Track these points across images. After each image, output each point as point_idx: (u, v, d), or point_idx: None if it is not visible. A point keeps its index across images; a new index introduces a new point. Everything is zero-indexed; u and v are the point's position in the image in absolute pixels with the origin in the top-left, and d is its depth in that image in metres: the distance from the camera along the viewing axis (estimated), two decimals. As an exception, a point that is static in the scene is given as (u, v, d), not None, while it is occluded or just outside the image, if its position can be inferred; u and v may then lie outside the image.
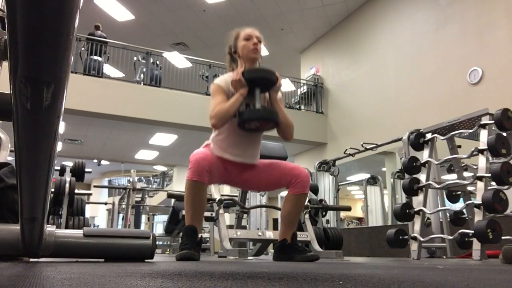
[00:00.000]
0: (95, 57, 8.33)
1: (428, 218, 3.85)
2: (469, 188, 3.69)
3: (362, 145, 5.42)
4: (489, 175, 2.92)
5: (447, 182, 3.58)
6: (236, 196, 4.37)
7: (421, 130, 3.80)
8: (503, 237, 2.78)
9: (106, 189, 16.91)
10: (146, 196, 10.17)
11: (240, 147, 2.22)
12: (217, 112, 2.10)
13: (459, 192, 3.80)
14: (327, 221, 5.93)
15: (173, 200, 6.49)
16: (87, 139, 10.16)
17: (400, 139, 4.50)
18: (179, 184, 12.83)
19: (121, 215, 7.76)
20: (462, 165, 3.68)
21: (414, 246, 3.28)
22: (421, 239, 3.26)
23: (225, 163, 2.21)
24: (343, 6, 9.09)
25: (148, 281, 0.71)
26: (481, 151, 3.08)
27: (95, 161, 15.13)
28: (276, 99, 2.25)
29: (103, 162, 15.71)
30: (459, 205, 3.70)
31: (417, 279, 0.86)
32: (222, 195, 3.36)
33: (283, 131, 2.26)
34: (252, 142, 2.26)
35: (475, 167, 3.32)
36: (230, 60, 2.34)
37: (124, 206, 7.13)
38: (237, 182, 2.34)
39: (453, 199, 3.84)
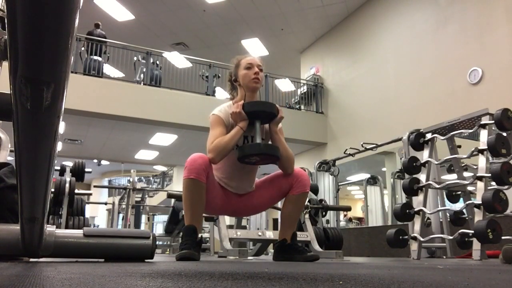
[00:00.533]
0: (95, 57, 8.33)
1: (428, 218, 3.85)
2: (469, 188, 3.69)
3: (362, 145, 5.42)
4: (489, 175, 2.92)
5: (447, 182, 3.58)
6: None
7: (421, 130, 3.80)
8: (503, 237, 2.78)
9: (106, 189, 16.91)
10: (146, 196, 10.17)
11: (236, 180, 2.23)
12: (216, 146, 2.07)
13: (459, 192, 3.80)
14: (327, 221, 5.93)
15: (173, 200, 6.48)
16: (87, 139, 10.16)
17: (400, 139, 4.50)
18: (179, 184, 12.79)
19: (121, 215, 7.75)
20: (462, 165, 3.68)
21: (414, 246, 3.28)
22: (421, 239, 3.26)
23: (223, 188, 2.24)
24: (343, 6, 9.09)
25: (148, 281, 0.71)
26: (481, 151, 3.08)
27: (95, 161, 15.13)
28: (276, 131, 2.22)
29: (103, 162, 15.71)
30: (459, 205, 3.70)
31: (417, 279, 0.86)
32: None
33: (283, 164, 2.22)
34: (249, 174, 2.27)
35: (475, 167, 3.32)
36: (230, 87, 2.32)
37: (124, 206, 7.13)
38: (238, 207, 2.30)
39: (453, 199, 3.84)
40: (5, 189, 1.69)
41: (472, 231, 2.87)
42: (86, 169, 5.61)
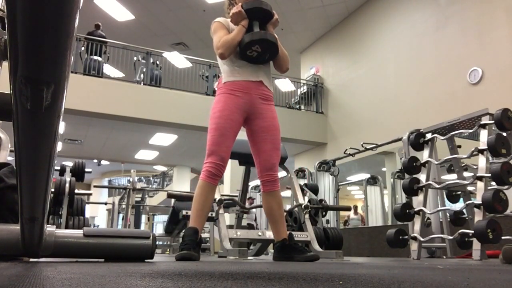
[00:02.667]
0: (95, 57, 8.33)
1: (428, 218, 3.85)
2: (469, 188, 3.69)
3: (362, 145, 5.42)
4: (489, 175, 2.92)
5: (447, 182, 3.57)
6: (236, 196, 4.37)
7: (421, 130, 3.80)
8: (503, 237, 2.78)
9: (106, 189, 16.92)
10: (146, 196, 10.17)
11: (250, 68, 2.28)
12: (223, 42, 2.21)
13: (459, 192, 3.80)
14: (327, 221, 5.93)
15: (173, 200, 6.48)
16: (87, 139, 10.16)
17: (400, 139, 4.49)
18: (179, 184, 12.83)
19: (121, 215, 7.76)
20: (462, 165, 3.68)
21: (414, 246, 3.28)
22: (421, 239, 3.26)
23: (242, 91, 2.22)
24: (343, 6, 9.09)
25: (148, 281, 0.71)
26: (481, 151, 3.08)
27: (95, 161, 15.13)
28: (273, 32, 2.34)
29: (103, 162, 15.71)
30: (459, 205, 3.70)
31: (417, 279, 0.86)
32: (222, 195, 3.35)
33: (279, 62, 2.35)
34: (261, 67, 2.32)
35: (475, 167, 3.32)
36: (228, 3, 2.46)
37: (124, 206, 7.13)
38: (256, 113, 2.27)
39: (453, 199, 3.84)
40: (5, 189, 1.69)
41: (472, 231, 2.87)
42: (86, 169, 5.61)
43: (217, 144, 2.14)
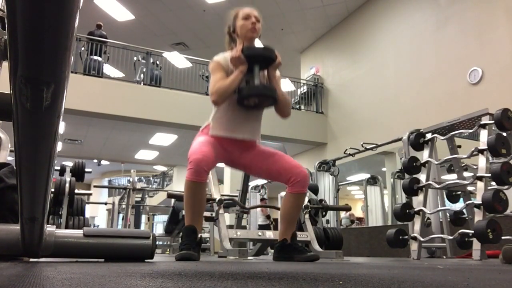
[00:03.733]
0: (95, 57, 8.33)
1: (428, 218, 3.85)
2: (469, 188, 3.69)
3: (362, 145, 5.42)
4: (489, 175, 2.92)
5: (447, 182, 3.57)
6: (236, 196, 4.37)
7: (421, 130, 3.80)
8: (503, 237, 2.78)
9: (106, 189, 16.90)
10: (146, 196, 10.16)
11: (239, 123, 2.23)
12: (218, 88, 2.12)
13: (459, 192, 3.80)
14: (327, 221, 5.93)
15: (173, 200, 6.48)
16: (87, 139, 10.16)
17: (400, 139, 4.49)
18: (179, 184, 12.83)
19: (121, 215, 7.75)
20: (462, 165, 3.68)
21: (414, 246, 3.28)
22: (421, 239, 3.26)
23: (224, 143, 2.21)
24: (343, 6, 9.09)
25: (148, 281, 0.71)
26: (481, 151, 3.08)
27: (95, 161, 15.13)
28: (274, 76, 2.27)
29: (103, 162, 15.71)
30: (459, 205, 3.70)
31: (417, 279, 0.86)
32: (222, 195, 3.35)
33: (281, 108, 2.28)
34: (252, 118, 2.27)
35: (475, 167, 3.32)
36: (229, 40, 2.36)
37: (124, 206, 7.13)
38: (237, 164, 2.32)
39: (453, 199, 3.84)
40: (5, 189, 1.69)
41: (472, 231, 2.87)
42: (86, 169, 5.61)
43: (197, 153, 2.09)
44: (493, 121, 3.09)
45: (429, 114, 6.57)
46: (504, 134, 3.05)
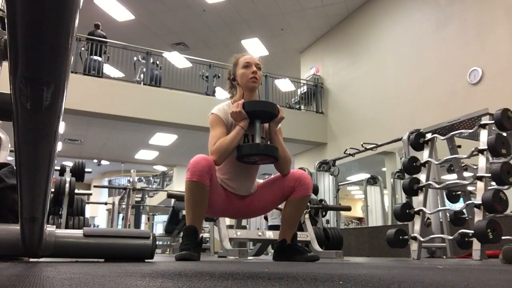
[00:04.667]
0: (95, 57, 8.33)
1: (428, 218, 3.85)
2: (469, 188, 3.69)
3: (362, 145, 5.42)
4: (489, 175, 2.92)
5: (447, 182, 3.58)
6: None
7: (421, 130, 3.80)
8: (503, 237, 2.78)
9: (106, 189, 16.90)
10: (146, 196, 10.17)
11: (238, 181, 2.21)
12: (218, 148, 2.06)
13: (459, 192, 3.80)
14: (327, 221, 5.93)
15: (173, 200, 6.48)
16: (87, 139, 10.16)
17: (400, 139, 4.50)
18: (179, 184, 12.83)
19: (121, 215, 7.75)
20: (462, 165, 3.68)
21: (414, 246, 3.28)
22: (421, 239, 3.26)
23: (225, 190, 2.22)
24: (343, 6, 9.09)
25: (148, 281, 0.71)
26: (481, 151, 3.08)
27: (95, 161, 15.13)
28: (276, 131, 2.23)
29: (103, 162, 15.71)
30: (459, 205, 3.70)
31: (417, 279, 0.86)
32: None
33: (281, 166, 2.23)
34: (250, 175, 2.25)
35: (475, 167, 3.32)
36: (230, 86, 2.32)
37: (124, 206, 7.13)
38: (239, 208, 2.28)
39: (453, 199, 3.84)
40: (5, 189, 1.69)
41: (472, 231, 2.87)
42: (86, 169, 5.61)
43: (197, 157, 2.07)
44: (493, 121, 3.09)
45: (429, 114, 6.57)
46: (504, 134, 3.05)
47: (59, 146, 9.26)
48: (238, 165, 2.17)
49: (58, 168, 5.45)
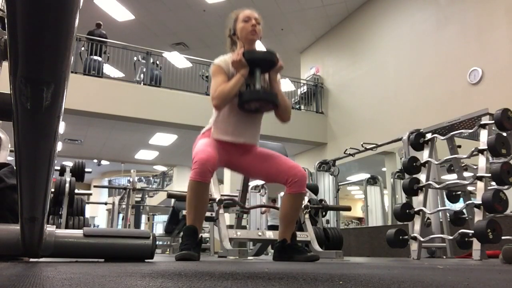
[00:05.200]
0: (95, 57, 8.33)
1: (428, 218, 3.85)
2: (469, 188, 3.69)
3: (362, 145, 5.41)
4: (489, 175, 2.92)
5: (447, 182, 3.57)
6: (236, 196, 4.37)
7: (421, 130, 3.80)
8: (503, 237, 2.78)
9: (106, 189, 16.90)
10: (146, 196, 10.16)
11: (240, 127, 2.23)
12: (219, 93, 2.13)
13: (459, 192, 3.80)
14: (327, 221, 5.93)
15: (173, 200, 6.49)
16: (87, 139, 10.16)
17: (400, 139, 4.49)
18: (179, 184, 12.82)
19: (121, 215, 7.75)
20: (462, 165, 3.68)
21: (414, 246, 3.28)
22: (421, 239, 3.26)
23: (225, 146, 2.22)
24: (343, 6, 9.09)
25: (148, 281, 0.71)
26: (481, 151, 3.08)
27: (95, 161, 15.13)
28: (275, 79, 2.28)
29: (103, 162, 15.71)
30: (459, 205, 3.70)
31: (417, 279, 0.86)
32: (222, 195, 3.35)
33: (281, 113, 2.29)
34: (253, 123, 2.28)
35: (475, 167, 3.32)
36: (230, 43, 2.36)
37: (124, 206, 7.13)
38: (237, 166, 2.33)
39: (453, 199, 3.84)
40: (5, 189, 1.69)
41: (472, 231, 2.87)
42: (86, 169, 5.61)
43: (202, 153, 2.10)
44: (493, 121, 3.09)
45: (429, 114, 6.57)
46: (504, 134, 3.05)
47: (59, 146, 9.26)
48: (240, 113, 2.22)
49: (58, 168, 5.45)
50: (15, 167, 0.84)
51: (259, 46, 2.34)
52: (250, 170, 2.34)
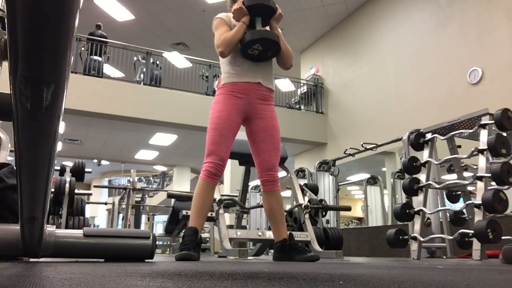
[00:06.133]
0: (95, 57, 8.33)
1: (428, 218, 3.85)
2: (469, 188, 3.69)
3: (362, 145, 5.41)
4: (489, 175, 2.92)
5: (447, 182, 3.57)
6: (236, 196, 4.37)
7: (421, 130, 3.80)
8: (503, 237, 2.78)
9: (106, 189, 16.91)
10: (146, 196, 10.15)
11: (249, 69, 2.27)
12: (223, 40, 2.20)
13: (459, 192, 3.80)
14: (327, 221, 5.93)
15: (173, 200, 6.48)
16: (87, 139, 10.16)
17: (400, 139, 4.49)
18: (179, 184, 12.82)
19: (121, 215, 7.75)
20: (462, 165, 3.68)
21: (414, 246, 3.28)
22: (421, 239, 3.26)
23: (241, 92, 2.22)
24: (343, 6, 9.09)
25: (148, 281, 0.71)
26: (481, 151, 3.08)
27: (95, 161, 15.13)
28: (276, 27, 2.33)
29: (103, 162, 15.70)
30: (459, 205, 3.70)
31: (417, 279, 0.86)
32: (222, 195, 3.36)
33: (283, 58, 2.35)
34: (263, 66, 2.31)
35: (475, 167, 3.32)
36: (230, 2, 2.43)
37: (124, 206, 7.13)
38: (254, 117, 2.28)
39: (453, 199, 3.84)
40: (5, 189, 1.69)
41: (472, 231, 2.87)
42: (86, 169, 5.61)
43: (216, 143, 2.14)
44: (493, 121, 3.09)
45: (429, 114, 6.57)
46: (504, 134, 3.05)
47: (59, 146, 9.26)
48: (246, 60, 2.27)
49: (58, 168, 5.45)
50: (15, 167, 0.84)
51: None
52: (254, 137, 2.30)
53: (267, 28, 2.36)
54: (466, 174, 3.70)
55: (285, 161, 3.56)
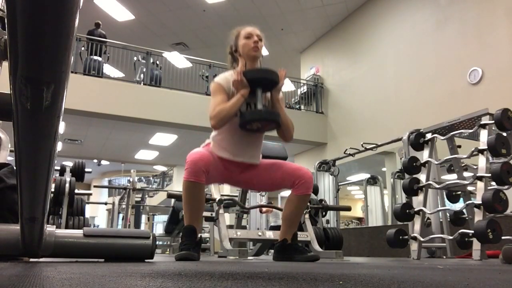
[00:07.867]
0: (95, 57, 8.33)
1: (428, 218, 3.85)
2: (469, 188, 3.69)
3: (362, 145, 5.41)
4: (489, 175, 2.92)
5: (447, 182, 3.57)
6: (236, 196, 4.37)
7: (421, 130, 3.80)
8: (503, 237, 2.78)
9: (106, 189, 16.90)
10: (146, 196, 10.16)
11: (240, 147, 2.20)
12: (218, 112, 2.07)
13: (459, 192, 3.80)
14: (327, 221, 5.93)
15: (173, 200, 6.48)
16: (87, 139, 10.16)
17: (400, 139, 4.49)
18: (179, 184, 12.79)
19: (121, 215, 7.75)
20: (462, 165, 3.68)
21: (414, 246, 3.28)
22: (421, 239, 3.26)
23: (225, 163, 2.19)
24: (343, 6, 9.09)
25: (148, 281, 0.71)
26: (481, 151, 3.08)
27: (95, 161, 15.13)
28: (277, 99, 2.23)
29: (103, 162, 15.71)
30: (459, 205, 3.70)
31: (417, 279, 0.86)
32: (222, 195, 3.35)
33: (283, 132, 2.25)
34: (253, 142, 2.24)
35: (475, 167, 3.32)
36: (231, 60, 2.32)
37: (124, 206, 7.13)
38: (238, 181, 2.32)
39: (453, 199, 3.84)
40: (5, 189, 1.69)
41: (472, 231, 2.87)
42: (86, 169, 5.61)
43: (195, 154, 2.07)
44: (493, 121, 3.09)
45: (429, 114, 6.57)
46: (504, 134, 3.05)
47: (59, 146, 9.26)
48: (241, 132, 2.17)
49: (58, 168, 5.45)
50: (15, 167, 0.84)
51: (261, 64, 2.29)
52: (252, 183, 2.30)
53: (268, 94, 2.24)
54: (466, 174, 3.70)
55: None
